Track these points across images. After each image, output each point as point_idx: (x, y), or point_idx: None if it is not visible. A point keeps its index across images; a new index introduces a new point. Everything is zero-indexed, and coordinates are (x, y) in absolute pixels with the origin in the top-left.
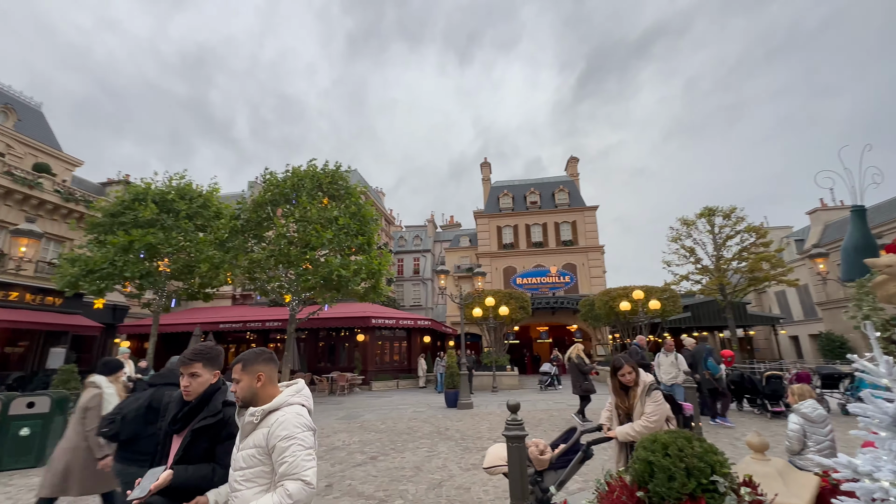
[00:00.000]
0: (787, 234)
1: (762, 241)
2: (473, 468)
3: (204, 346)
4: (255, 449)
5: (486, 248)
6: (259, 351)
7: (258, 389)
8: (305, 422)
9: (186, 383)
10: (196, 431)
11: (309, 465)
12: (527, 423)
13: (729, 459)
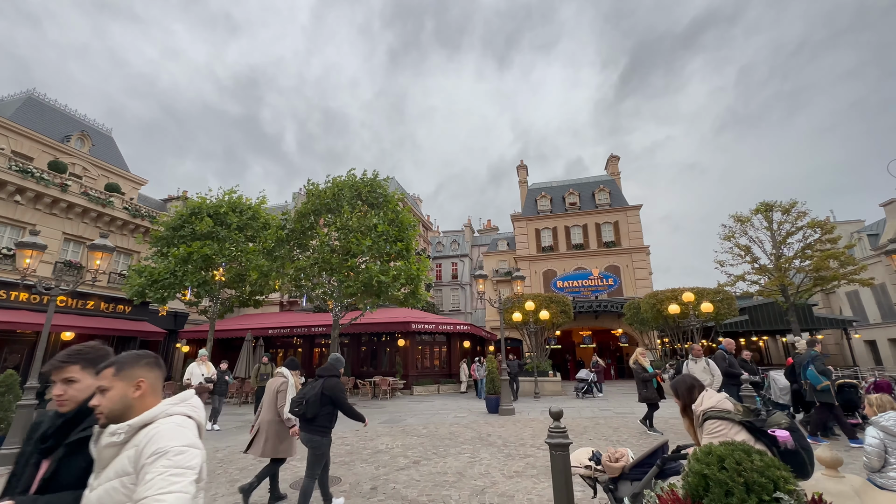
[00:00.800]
0: (857, 228)
1: (829, 237)
2: (517, 475)
3: (84, 345)
4: (119, 480)
5: (524, 251)
6: (140, 353)
7: (135, 401)
8: (188, 436)
9: (60, 391)
10: (71, 446)
11: (174, 486)
12: (571, 431)
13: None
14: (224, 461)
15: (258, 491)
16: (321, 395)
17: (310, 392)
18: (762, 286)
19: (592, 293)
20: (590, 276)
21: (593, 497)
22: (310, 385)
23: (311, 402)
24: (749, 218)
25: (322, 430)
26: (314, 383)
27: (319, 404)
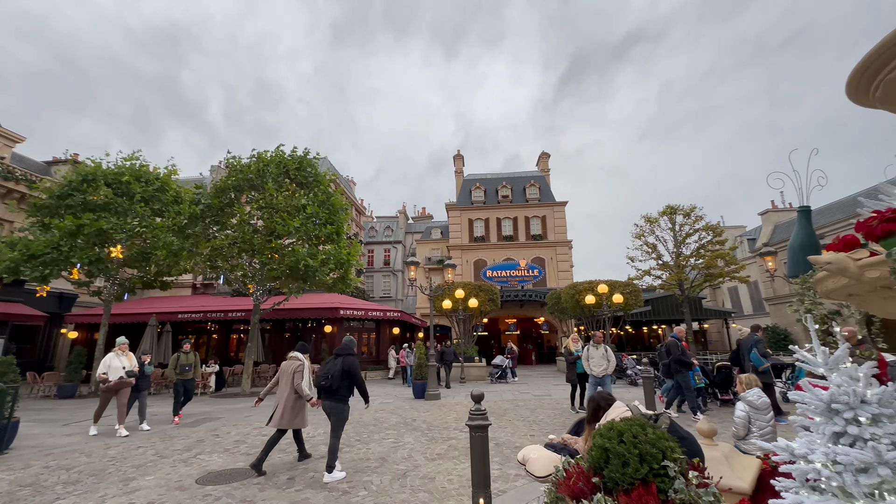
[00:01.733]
0: (740, 233)
1: (718, 240)
2: (439, 458)
3: None
4: None
5: (457, 240)
6: None
7: None
8: None
9: None
10: None
11: None
12: (493, 413)
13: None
14: (117, 458)
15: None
16: (342, 370)
17: (333, 368)
18: (664, 280)
19: (519, 283)
20: (517, 266)
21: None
22: (331, 363)
23: (335, 377)
24: (657, 219)
25: (343, 399)
26: (335, 361)
27: (341, 378)
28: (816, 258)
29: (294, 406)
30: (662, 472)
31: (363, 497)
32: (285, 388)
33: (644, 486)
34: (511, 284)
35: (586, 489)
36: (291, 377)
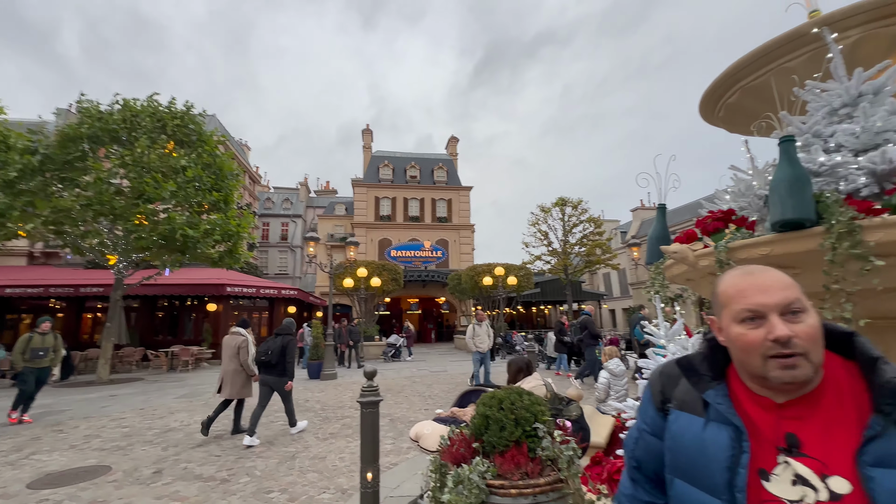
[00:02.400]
0: (615, 226)
1: (598, 231)
2: (331, 437)
3: None
4: None
5: (362, 217)
6: None
7: None
8: None
9: None
10: None
11: None
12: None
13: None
14: None
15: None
16: (282, 348)
17: (273, 345)
18: (553, 265)
19: (423, 264)
20: (422, 247)
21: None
22: (272, 341)
23: (275, 352)
24: (550, 209)
25: (283, 373)
26: (275, 339)
27: (280, 354)
28: (666, 248)
29: (235, 378)
30: (533, 433)
31: (244, 483)
32: (229, 361)
33: (517, 446)
34: (415, 265)
35: (467, 454)
36: (236, 351)
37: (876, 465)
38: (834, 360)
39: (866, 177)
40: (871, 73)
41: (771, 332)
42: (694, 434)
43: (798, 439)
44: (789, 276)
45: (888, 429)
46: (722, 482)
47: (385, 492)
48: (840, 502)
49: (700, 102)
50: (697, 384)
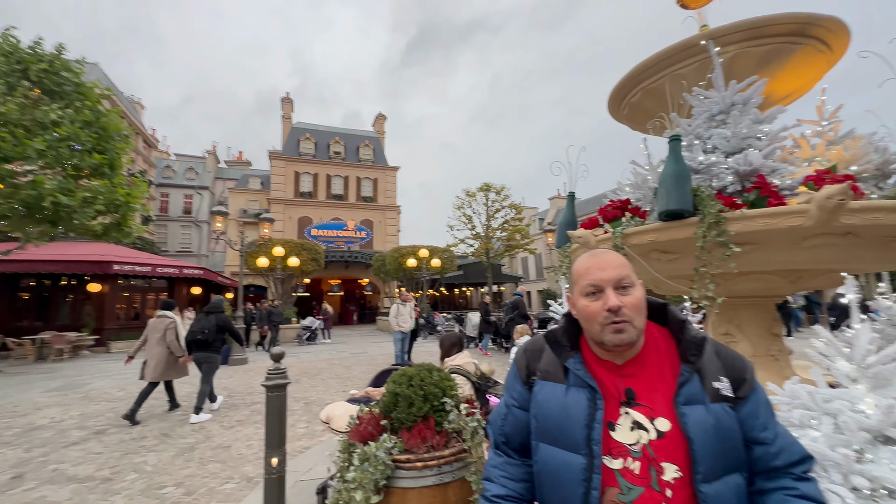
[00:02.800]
0: (534, 213)
1: (518, 217)
2: (238, 425)
3: None
4: None
5: (280, 193)
6: None
7: None
8: None
9: None
10: None
11: None
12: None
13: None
14: None
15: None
16: (217, 325)
17: (207, 324)
18: (475, 249)
19: (346, 244)
20: (345, 227)
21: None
22: (204, 319)
23: (210, 331)
24: (474, 194)
25: (217, 350)
26: (207, 318)
27: (216, 332)
28: (572, 233)
29: (168, 360)
30: (441, 407)
31: (132, 481)
32: (157, 345)
33: (424, 421)
34: (337, 245)
35: (375, 432)
36: (164, 334)
37: (686, 403)
38: (652, 327)
39: (733, 176)
40: (742, 86)
41: (606, 303)
42: (558, 399)
43: (634, 392)
44: (621, 258)
45: (693, 375)
46: (582, 438)
47: (295, 476)
48: (664, 438)
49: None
50: (560, 354)
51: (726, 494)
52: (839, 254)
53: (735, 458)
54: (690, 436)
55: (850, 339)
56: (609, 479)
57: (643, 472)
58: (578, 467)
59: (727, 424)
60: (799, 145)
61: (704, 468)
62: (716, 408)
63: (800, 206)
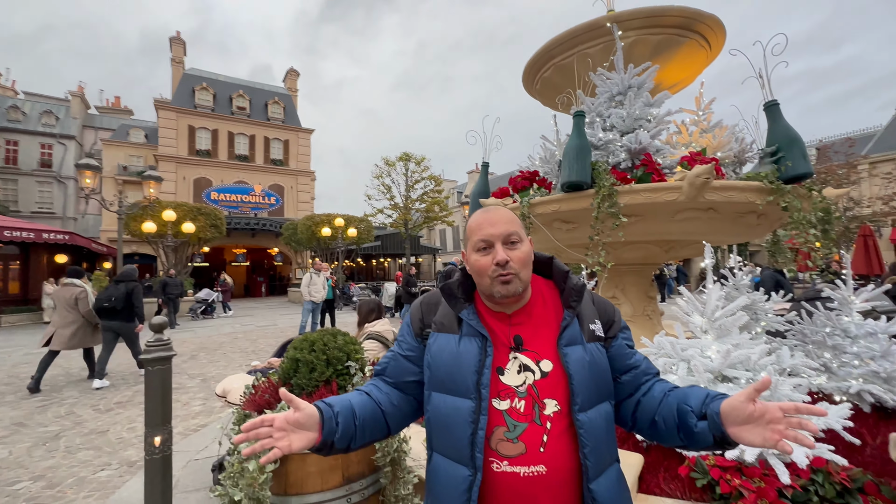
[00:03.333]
0: (453, 186)
1: (437, 189)
2: (118, 407)
3: None
4: None
5: (170, 149)
6: None
7: None
8: None
9: None
10: None
11: None
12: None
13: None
14: None
15: None
16: (126, 294)
17: (116, 292)
18: (394, 220)
19: (252, 210)
20: (252, 192)
21: None
22: (113, 288)
23: (119, 299)
24: (394, 163)
25: (130, 319)
26: (117, 286)
27: (125, 300)
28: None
29: (84, 329)
30: (346, 371)
31: None
32: (67, 313)
33: (327, 385)
34: (242, 211)
35: (272, 400)
36: (73, 302)
37: (567, 345)
38: (539, 279)
39: (625, 153)
40: (638, 71)
41: (494, 257)
42: (451, 349)
43: (522, 339)
44: (512, 215)
45: (574, 319)
46: (472, 383)
47: (188, 455)
48: (547, 377)
49: (523, 73)
50: (455, 306)
51: (598, 420)
52: (703, 226)
53: (605, 389)
54: (570, 372)
55: (704, 299)
56: (496, 420)
57: (527, 409)
58: (467, 410)
59: (599, 360)
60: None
61: (581, 399)
62: (591, 347)
63: (675, 182)
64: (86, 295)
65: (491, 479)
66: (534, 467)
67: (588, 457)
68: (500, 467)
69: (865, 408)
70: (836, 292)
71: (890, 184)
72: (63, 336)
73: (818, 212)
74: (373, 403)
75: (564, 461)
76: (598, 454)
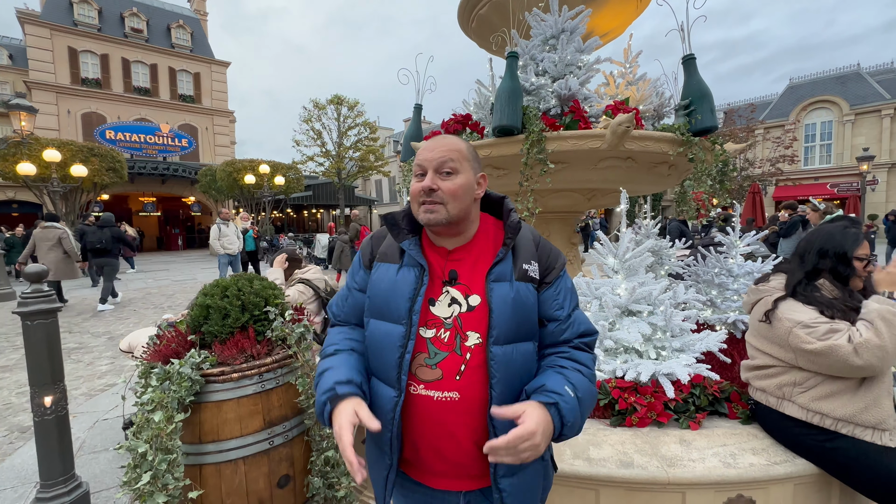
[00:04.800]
0: (389, 134)
1: (372, 137)
2: (2, 371)
3: None
4: None
5: (45, 76)
6: None
7: None
8: None
9: None
10: None
11: None
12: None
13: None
14: None
15: None
16: (112, 237)
17: (103, 235)
18: (326, 168)
19: (160, 153)
20: (157, 131)
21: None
22: (99, 232)
23: (107, 241)
24: (324, 106)
25: (115, 256)
26: (102, 231)
27: (112, 242)
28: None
29: (61, 263)
30: (264, 317)
31: None
32: (49, 251)
33: (242, 332)
34: (148, 154)
35: (181, 348)
36: (56, 242)
37: (495, 281)
38: (489, 219)
39: (556, 99)
40: (571, 14)
41: (423, 183)
42: (390, 277)
43: (457, 273)
44: (458, 144)
45: (508, 255)
46: (405, 311)
47: (96, 416)
48: (473, 311)
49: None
50: (397, 236)
51: (514, 356)
52: (622, 175)
53: (528, 328)
54: (492, 306)
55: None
56: (420, 346)
57: (450, 339)
58: (397, 335)
59: (525, 300)
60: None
61: (497, 333)
62: (519, 285)
63: (600, 130)
64: (67, 235)
65: (409, 401)
66: (448, 393)
67: (494, 387)
68: (417, 390)
69: (738, 334)
70: (725, 238)
71: (777, 147)
72: (51, 270)
73: (719, 164)
74: (363, 358)
75: (478, 391)
76: (507, 387)
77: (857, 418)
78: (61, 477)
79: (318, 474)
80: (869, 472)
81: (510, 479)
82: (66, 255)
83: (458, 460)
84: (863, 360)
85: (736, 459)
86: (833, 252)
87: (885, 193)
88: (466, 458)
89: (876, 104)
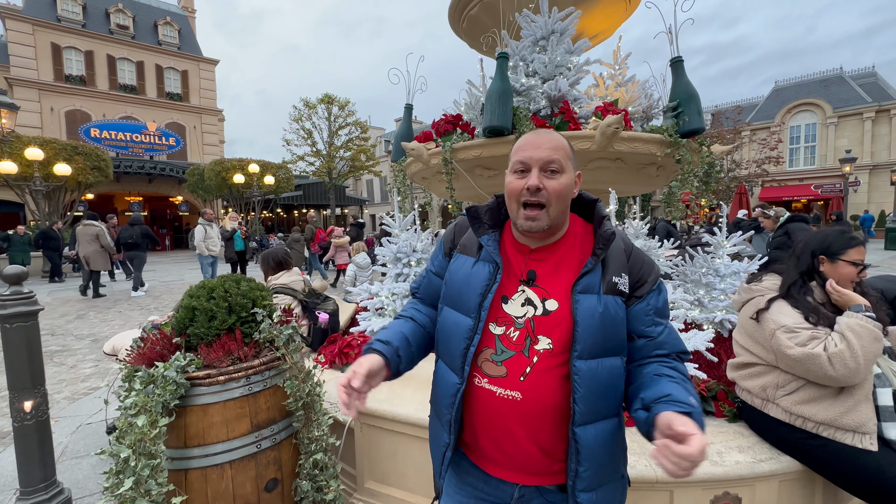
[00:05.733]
0: (381, 134)
1: (364, 136)
2: None
3: None
4: None
5: (28, 72)
6: None
7: None
8: None
9: None
10: None
11: None
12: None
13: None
14: None
15: None
16: (142, 233)
17: (134, 232)
18: (317, 168)
19: (147, 152)
20: (144, 130)
21: None
22: (129, 229)
23: (137, 236)
24: (315, 105)
25: (144, 249)
26: (132, 228)
27: (141, 237)
28: (406, 144)
29: (94, 255)
30: (251, 318)
31: None
32: (88, 244)
33: (229, 334)
34: (134, 152)
35: (165, 351)
36: (94, 237)
37: (582, 292)
38: (577, 220)
39: (546, 100)
40: (561, 15)
41: (528, 182)
42: (466, 270)
43: (536, 274)
44: (562, 141)
45: (596, 266)
46: (475, 304)
47: (79, 420)
48: (548, 316)
49: (449, 9)
50: (477, 230)
51: (599, 371)
52: (611, 176)
53: (615, 344)
54: (577, 318)
55: None
56: (488, 341)
57: (519, 340)
58: (466, 327)
59: (614, 315)
60: (597, 83)
61: (582, 347)
62: (608, 299)
63: (589, 131)
64: (104, 232)
65: (472, 391)
66: (510, 392)
67: (578, 402)
68: (481, 383)
69: (725, 333)
70: (713, 238)
71: (763, 149)
72: (92, 261)
73: (704, 165)
74: (419, 327)
75: (546, 396)
76: (592, 403)
77: (837, 422)
78: (42, 483)
79: (307, 478)
80: (852, 471)
81: (589, 495)
82: (102, 249)
83: (516, 456)
84: (836, 371)
85: (722, 457)
86: (821, 252)
87: (867, 195)
88: (524, 455)
89: (858, 107)
